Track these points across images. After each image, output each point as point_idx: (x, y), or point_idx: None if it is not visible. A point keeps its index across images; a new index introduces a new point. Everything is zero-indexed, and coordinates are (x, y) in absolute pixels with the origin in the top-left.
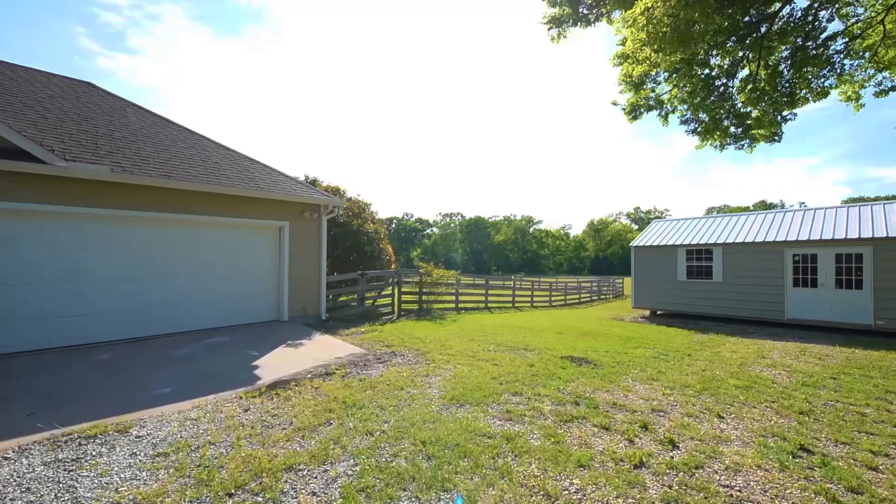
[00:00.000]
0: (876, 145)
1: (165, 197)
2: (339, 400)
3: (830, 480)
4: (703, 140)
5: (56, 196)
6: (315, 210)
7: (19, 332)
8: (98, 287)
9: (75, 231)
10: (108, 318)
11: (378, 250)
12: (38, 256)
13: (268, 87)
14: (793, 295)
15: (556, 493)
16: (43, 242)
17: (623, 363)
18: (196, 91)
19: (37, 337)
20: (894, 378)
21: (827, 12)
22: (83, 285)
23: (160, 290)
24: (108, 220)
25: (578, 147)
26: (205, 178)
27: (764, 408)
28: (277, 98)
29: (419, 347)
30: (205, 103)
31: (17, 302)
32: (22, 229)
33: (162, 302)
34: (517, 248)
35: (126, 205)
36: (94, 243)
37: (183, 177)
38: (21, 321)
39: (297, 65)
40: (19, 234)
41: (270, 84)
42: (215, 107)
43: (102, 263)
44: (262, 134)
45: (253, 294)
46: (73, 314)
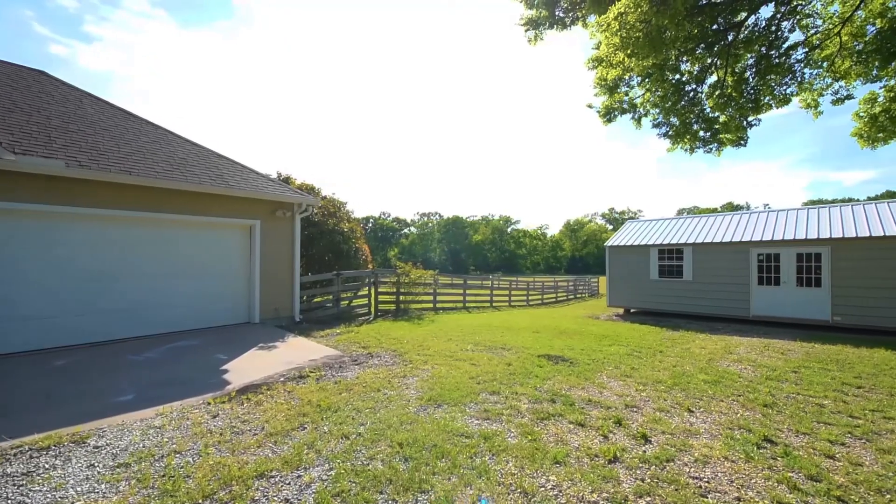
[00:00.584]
0: (835, 151)
1: (127, 194)
2: (313, 403)
3: (792, 469)
4: (675, 143)
5: (5, 192)
6: (288, 209)
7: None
8: (53, 289)
9: (26, 230)
10: (64, 322)
11: (354, 250)
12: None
13: (238, 81)
14: (758, 293)
15: (533, 491)
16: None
17: (598, 360)
18: (160, 84)
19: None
20: (850, 371)
21: (789, 23)
22: (35, 288)
23: (122, 293)
24: (63, 219)
25: (556, 148)
26: (170, 174)
27: (731, 401)
28: (249, 93)
29: (396, 348)
30: (170, 97)
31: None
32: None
33: (124, 305)
34: (495, 248)
35: (84, 202)
36: (47, 243)
37: (146, 173)
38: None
39: (270, 60)
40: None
41: (241, 78)
42: (182, 101)
43: (57, 264)
44: (233, 130)
45: (222, 296)
46: (22, 318)
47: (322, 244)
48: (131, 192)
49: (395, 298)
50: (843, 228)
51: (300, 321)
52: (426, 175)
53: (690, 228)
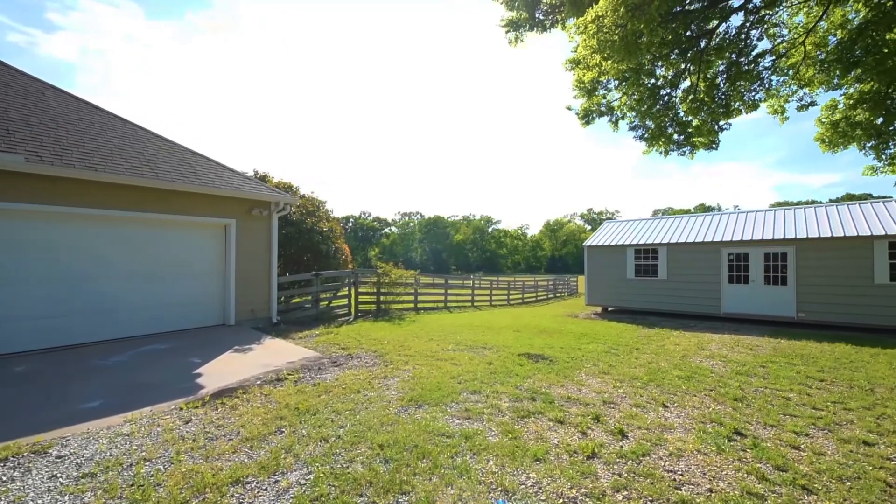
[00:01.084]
0: (801, 155)
1: (93, 191)
2: (291, 406)
3: (760, 460)
4: (650, 146)
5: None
6: (265, 207)
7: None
8: (11, 292)
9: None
10: (24, 326)
11: (333, 250)
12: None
13: (214, 76)
14: (728, 291)
15: (514, 488)
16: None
17: (577, 358)
18: (130, 77)
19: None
20: (813, 365)
21: (757, 31)
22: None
23: (88, 295)
24: (24, 217)
25: (536, 149)
26: (139, 171)
27: (703, 396)
28: (225, 89)
29: (377, 349)
30: (140, 92)
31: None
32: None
33: (90, 307)
34: (476, 248)
35: (46, 200)
36: (6, 243)
37: (114, 169)
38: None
39: (247, 56)
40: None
41: (217, 74)
42: (153, 96)
43: (17, 265)
44: (208, 127)
45: (195, 297)
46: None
47: (300, 244)
48: (97, 190)
49: (376, 299)
50: (806, 229)
51: (277, 322)
52: (407, 174)
53: (665, 229)
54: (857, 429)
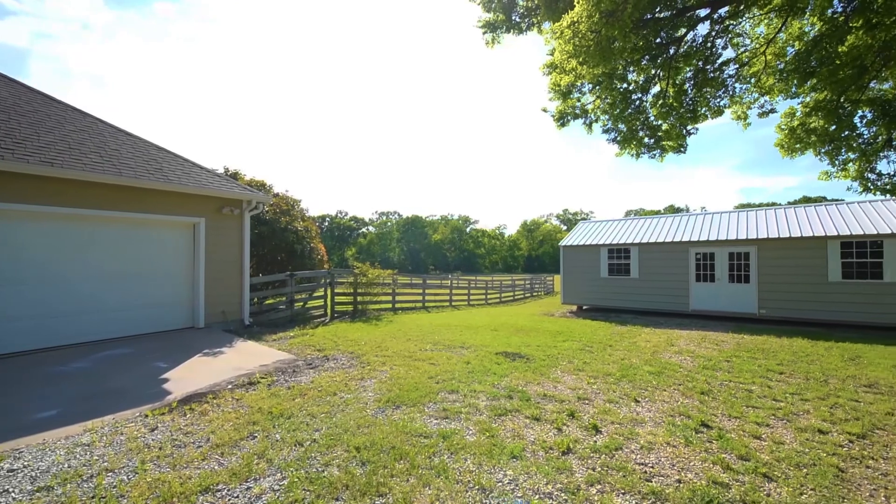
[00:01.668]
0: (763, 159)
1: (49, 188)
2: (264, 411)
3: (725, 450)
4: (622, 148)
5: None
6: (236, 206)
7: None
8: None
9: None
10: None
11: (309, 249)
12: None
13: (182, 71)
14: (695, 289)
15: (491, 486)
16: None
17: (553, 356)
18: (92, 69)
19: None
20: (773, 359)
21: (722, 41)
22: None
23: (47, 297)
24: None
25: (513, 149)
26: (100, 166)
27: (672, 390)
28: (194, 85)
29: (354, 350)
30: (103, 83)
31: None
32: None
33: (49, 310)
34: (454, 248)
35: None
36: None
37: (72, 165)
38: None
39: (219, 50)
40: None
41: (185, 68)
42: (116, 89)
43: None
44: (175, 123)
45: (162, 299)
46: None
47: (274, 243)
48: (54, 186)
49: (353, 299)
50: (767, 230)
51: (250, 325)
52: (385, 174)
53: (637, 229)
54: (813, 418)
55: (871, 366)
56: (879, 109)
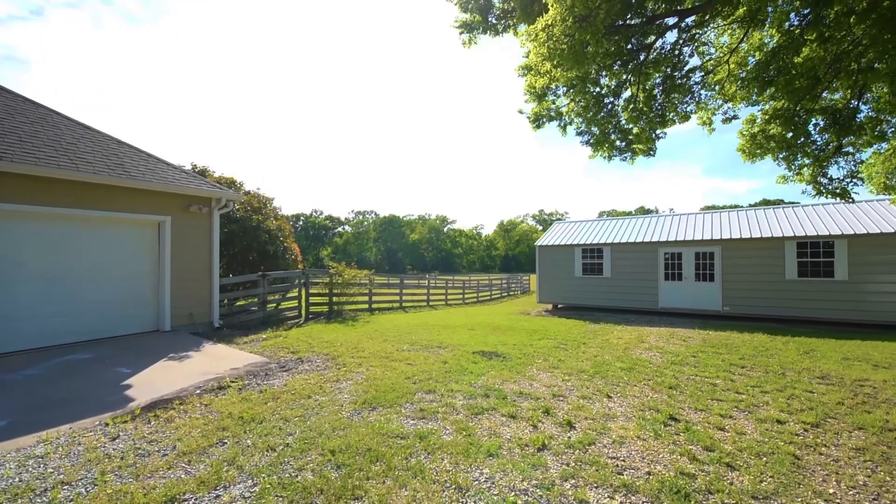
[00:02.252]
0: (728, 163)
1: (1, 184)
2: (234, 416)
3: (692, 442)
4: (595, 151)
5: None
6: (204, 203)
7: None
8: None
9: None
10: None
11: (282, 249)
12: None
13: (149, 63)
14: (664, 287)
15: (467, 485)
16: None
17: (529, 354)
18: (49, 59)
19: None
20: (736, 353)
21: (689, 49)
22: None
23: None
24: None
25: (490, 150)
26: (55, 160)
27: (643, 385)
28: (159, 79)
29: (329, 352)
30: (60, 75)
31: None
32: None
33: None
34: (432, 248)
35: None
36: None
37: (23, 158)
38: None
39: (185, 42)
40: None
41: (152, 60)
42: (75, 82)
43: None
44: (139, 119)
45: (124, 302)
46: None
47: (245, 243)
48: (6, 182)
49: (328, 300)
50: (730, 231)
51: (220, 327)
52: (362, 172)
53: (609, 230)
54: (772, 409)
55: (823, 359)
56: (831, 118)
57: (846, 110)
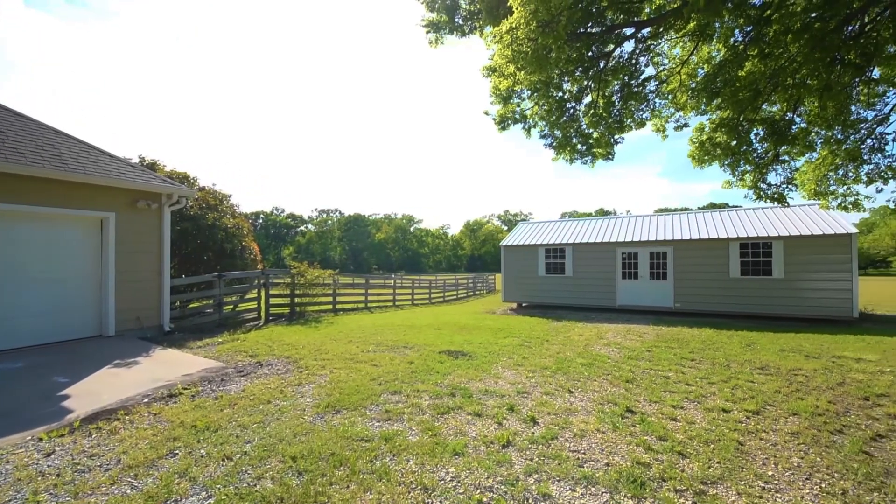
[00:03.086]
0: (681, 167)
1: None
2: (187, 425)
3: (646, 433)
4: (558, 154)
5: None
6: (153, 199)
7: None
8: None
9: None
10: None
11: (240, 248)
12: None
13: (92, 54)
14: (622, 286)
15: (433, 485)
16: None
17: (494, 353)
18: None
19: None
20: (686, 347)
21: (645, 59)
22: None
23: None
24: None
25: (457, 150)
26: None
27: (602, 380)
28: (105, 67)
29: (290, 354)
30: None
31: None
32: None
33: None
34: (398, 247)
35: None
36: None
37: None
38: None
39: (137, 32)
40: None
41: (96, 51)
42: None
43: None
44: (80, 109)
45: (62, 305)
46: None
47: (200, 241)
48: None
49: (290, 301)
50: (681, 232)
51: (171, 331)
52: (326, 170)
53: (571, 230)
54: (718, 399)
55: (763, 351)
56: (770, 128)
57: (783, 121)
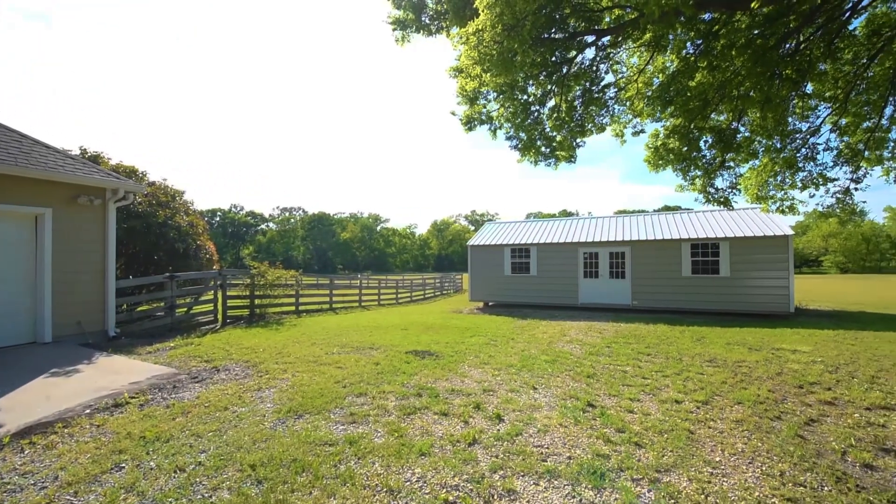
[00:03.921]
0: (640, 171)
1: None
2: (134, 436)
3: (606, 426)
4: (523, 155)
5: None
6: (96, 195)
7: None
8: None
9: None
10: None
11: (194, 247)
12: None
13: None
14: (583, 284)
15: (399, 487)
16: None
17: (461, 352)
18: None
19: None
20: (642, 342)
21: (605, 66)
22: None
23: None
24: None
25: (424, 150)
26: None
27: (564, 376)
28: (46, 51)
29: (250, 358)
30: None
31: None
32: None
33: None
34: (364, 247)
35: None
36: None
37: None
38: None
39: (80, 17)
40: None
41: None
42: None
43: None
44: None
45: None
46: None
47: (150, 240)
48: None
49: (250, 302)
50: (638, 233)
51: (117, 336)
52: (289, 167)
53: (535, 231)
54: (671, 391)
55: (711, 344)
56: (717, 136)
57: (729, 130)
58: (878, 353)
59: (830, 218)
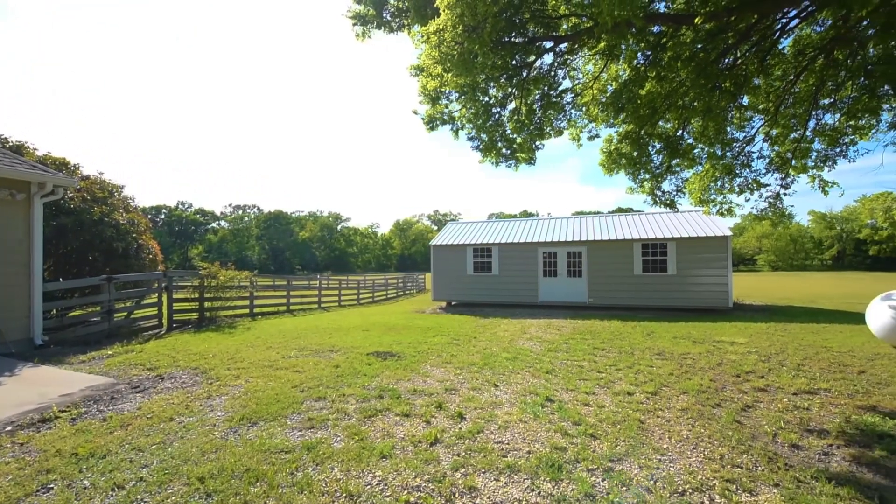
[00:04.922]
0: (595, 173)
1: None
2: (65, 453)
3: (564, 420)
4: (484, 156)
5: None
6: (19, 189)
7: None
8: None
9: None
10: None
11: (135, 247)
12: None
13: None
14: (543, 283)
15: (359, 491)
16: None
17: (423, 352)
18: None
19: None
20: (598, 338)
21: (562, 72)
22: None
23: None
24: None
25: (386, 148)
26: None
27: (525, 372)
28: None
29: (199, 365)
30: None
31: None
32: None
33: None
34: (324, 246)
35: None
36: None
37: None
38: None
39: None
40: None
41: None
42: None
43: None
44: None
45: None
46: None
47: (84, 239)
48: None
49: (199, 306)
50: (594, 233)
51: (44, 344)
52: (242, 162)
53: (497, 231)
54: (624, 383)
55: (660, 339)
56: (665, 142)
57: (675, 137)
58: (804, 343)
59: (764, 220)
